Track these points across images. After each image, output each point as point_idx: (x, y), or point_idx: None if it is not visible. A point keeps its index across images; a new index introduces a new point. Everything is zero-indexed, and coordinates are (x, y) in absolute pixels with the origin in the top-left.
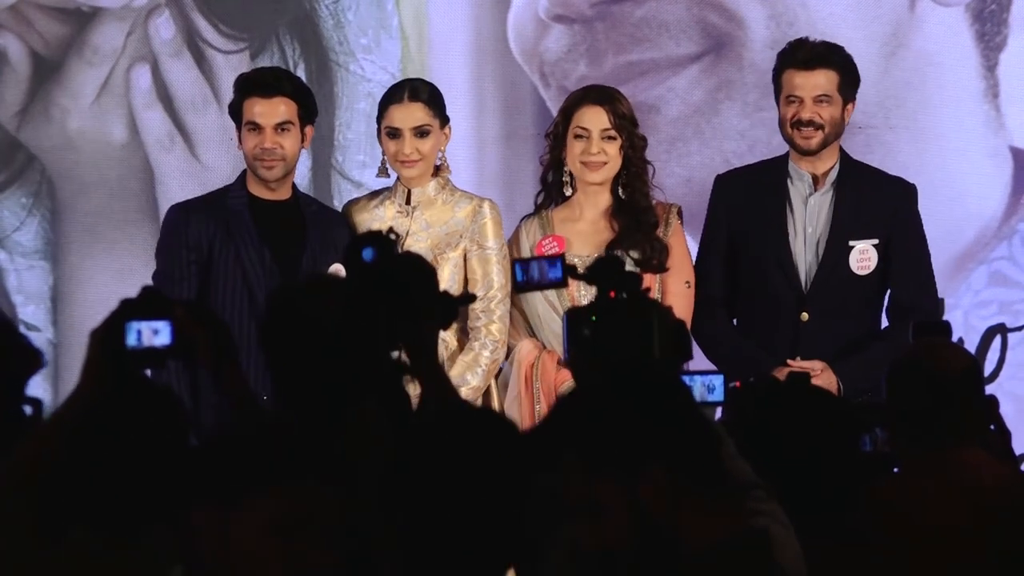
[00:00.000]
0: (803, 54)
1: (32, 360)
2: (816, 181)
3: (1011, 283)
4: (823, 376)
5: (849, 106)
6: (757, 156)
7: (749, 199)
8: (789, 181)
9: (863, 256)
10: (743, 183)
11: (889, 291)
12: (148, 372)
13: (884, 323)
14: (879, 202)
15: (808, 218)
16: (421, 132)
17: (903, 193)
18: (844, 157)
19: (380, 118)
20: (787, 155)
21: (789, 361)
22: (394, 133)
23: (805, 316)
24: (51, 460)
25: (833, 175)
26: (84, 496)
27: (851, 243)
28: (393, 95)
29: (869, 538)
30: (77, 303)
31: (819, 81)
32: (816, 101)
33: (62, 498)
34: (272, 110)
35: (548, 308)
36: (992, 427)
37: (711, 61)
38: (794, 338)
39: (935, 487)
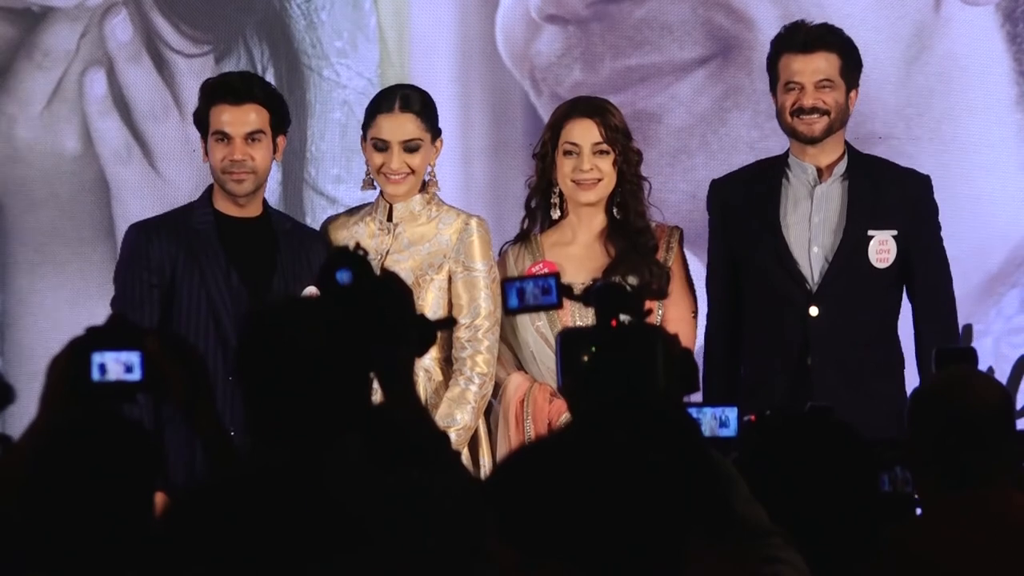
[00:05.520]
0: (801, 37)
1: (3, 395)
2: (820, 174)
3: None
4: None
5: (853, 93)
6: None
7: (745, 198)
8: (788, 174)
9: (883, 247)
10: (738, 184)
11: (911, 294)
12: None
13: (900, 326)
14: (896, 192)
15: (815, 207)
16: (411, 146)
17: (921, 183)
18: (851, 149)
19: (366, 127)
20: (787, 152)
21: None
22: (381, 146)
23: (815, 311)
24: (5, 504)
25: (842, 166)
26: (42, 543)
27: (870, 232)
28: (382, 103)
29: None
30: (26, 330)
31: (819, 65)
32: (818, 87)
33: (18, 546)
34: (242, 118)
35: (540, 340)
36: None
37: (718, 66)
38: (803, 336)
39: (962, 532)
